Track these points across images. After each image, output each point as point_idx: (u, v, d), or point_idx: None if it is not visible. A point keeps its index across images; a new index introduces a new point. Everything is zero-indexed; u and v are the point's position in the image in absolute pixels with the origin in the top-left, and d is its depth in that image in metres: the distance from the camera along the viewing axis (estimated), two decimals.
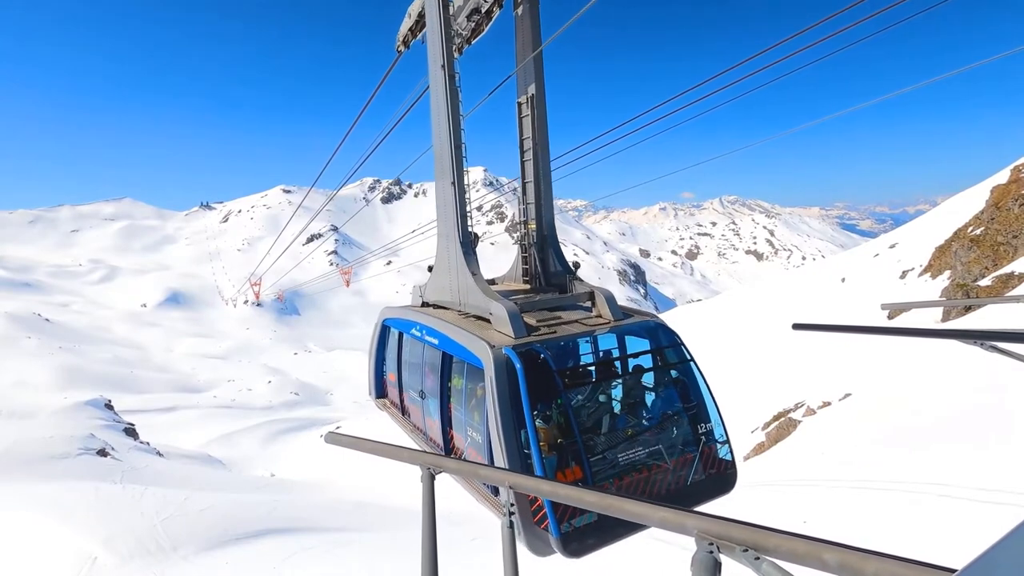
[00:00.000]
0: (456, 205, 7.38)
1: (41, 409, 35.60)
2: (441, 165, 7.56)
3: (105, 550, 14.21)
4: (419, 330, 7.77)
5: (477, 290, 6.99)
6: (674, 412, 6.15)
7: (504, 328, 6.17)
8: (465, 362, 6.41)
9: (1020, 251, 23.79)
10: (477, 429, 6.26)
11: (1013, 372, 7.88)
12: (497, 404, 5.36)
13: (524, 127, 8.19)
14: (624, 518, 3.55)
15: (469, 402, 6.47)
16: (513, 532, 3.42)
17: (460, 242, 7.38)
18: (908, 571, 1.66)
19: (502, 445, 5.28)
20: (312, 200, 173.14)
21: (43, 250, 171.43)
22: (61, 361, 62.72)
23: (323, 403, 73.41)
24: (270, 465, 39.39)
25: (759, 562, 2.00)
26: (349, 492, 26.86)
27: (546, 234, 8.19)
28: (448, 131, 7.30)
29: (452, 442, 6.97)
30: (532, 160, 8.03)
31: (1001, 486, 8.48)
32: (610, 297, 7.03)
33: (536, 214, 8.17)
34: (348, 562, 14.84)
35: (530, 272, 8.34)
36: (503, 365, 5.54)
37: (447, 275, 7.80)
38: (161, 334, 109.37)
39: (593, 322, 6.67)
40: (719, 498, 5.78)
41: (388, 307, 9.61)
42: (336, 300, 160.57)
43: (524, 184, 8.31)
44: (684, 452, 5.88)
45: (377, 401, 10.09)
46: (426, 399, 7.70)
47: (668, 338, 6.50)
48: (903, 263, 35.01)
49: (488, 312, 6.61)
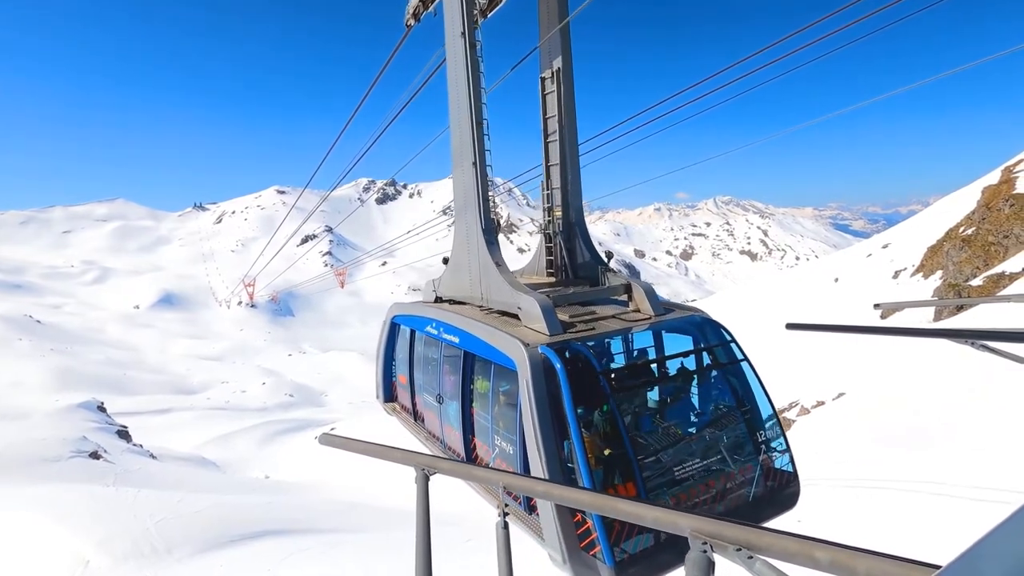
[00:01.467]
0: (478, 188, 6.75)
1: (33, 411, 35.38)
2: (460, 145, 6.93)
3: (98, 553, 14.12)
4: (435, 327, 7.18)
5: (503, 283, 6.36)
6: (730, 418, 5.57)
7: (536, 324, 5.63)
8: (492, 363, 5.82)
9: (1011, 251, 23.99)
10: (507, 438, 5.65)
11: (1004, 371, 7.96)
12: (535, 410, 4.77)
13: (548, 105, 7.56)
14: (618, 518, 3.55)
15: (496, 407, 5.89)
16: (508, 532, 3.42)
17: (482, 229, 6.75)
18: (897, 568, 1.68)
19: (542, 457, 4.68)
20: (307, 201, 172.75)
21: (35, 251, 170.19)
22: (53, 363, 62.31)
23: (318, 404, 73.19)
24: (265, 467, 39.23)
25: (752, 561, 2.02)
26: (344, 493, 26.80)
27: (573, 221, 7.55)
28: (469, 107, 6.67)
29: (475, 452, 6.39)
30: (558, 140, 7.44)
31: (992, 484, 8.55)
32: (650, 290, 6.44)
33: (562, 200, 7.53)
34: (343, 563, 14.80)
35: (555, 264, 7.70)
36: (540, 366, 4.97)
37: (466, 267, 7.17)
38: (155, 336, 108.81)
39: (632, 317, 6.12)
40: (782, 515, 5.20)
41: (398, 303, 9.04)
42: (331, 301, 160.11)
43: (548, 167, 7.71)
44: (743, 463, 5.29)
45: (386, 405, 9.45)
46: (444, 404, 7.10)
47: (719, 334, 5.94)
48: (896, 263, 35.23)
49: (516, 307, 6.03)
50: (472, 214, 6.85)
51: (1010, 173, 29.62)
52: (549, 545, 4.69)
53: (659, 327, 6.15)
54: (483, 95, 6.85)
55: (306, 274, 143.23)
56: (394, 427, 8.80)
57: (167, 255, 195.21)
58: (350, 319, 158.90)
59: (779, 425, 5.63)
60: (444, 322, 6.92)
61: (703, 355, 5.93)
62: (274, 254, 34.00)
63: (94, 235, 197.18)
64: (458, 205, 7.19)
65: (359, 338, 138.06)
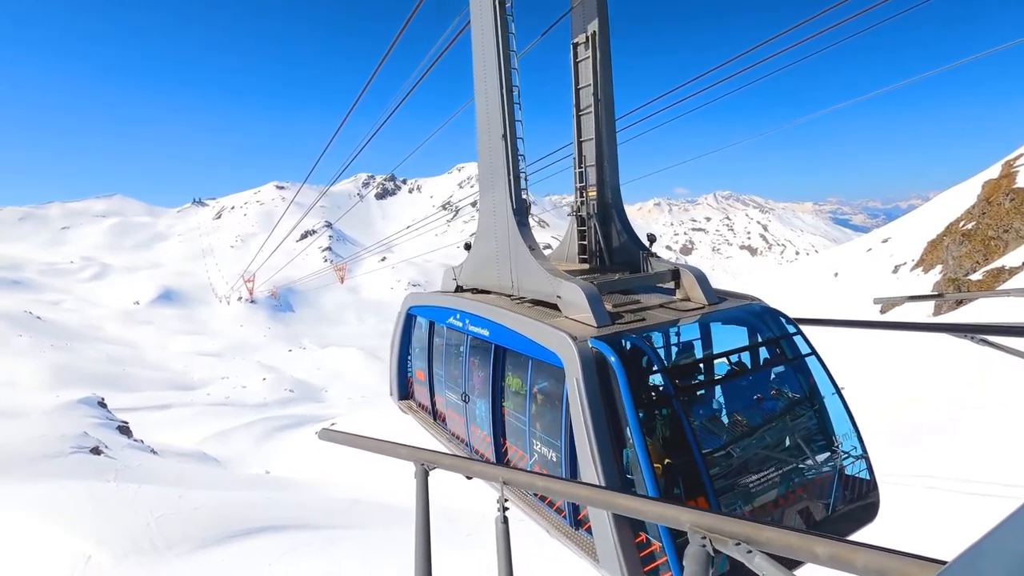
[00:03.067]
0: (508, 164, 6.14)
1: (33, 408, 35.38)
2: (487, 116, 6.32)
3: (99, 549, 14.14)
4: (460, 319, 6.59)
5: (538, 268, 5.79)
6: (803, 420, 4.98)
7: (580, 315, 5.06)
8: (530, 358, 5.29)
9: (1011, 245, 23.98)
10: (548, 443, 5.14)
11: (1003, 366, 7.96)
12: (588, 413, 4.25)
13: (581, 73, 6.89)
14: (618, 512, 3.55)
15: (533, 408, 5.36)
16: (507, 527, 3.42)
17: (513, 210, 6.12)
18: (895, 562, 1.68)
19: (597, 467, 4.14)
20: (306, 196, 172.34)
21: (33, 248, 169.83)
22: (53, 359, 62.35)
23: (318, 400, 73.22)
24: (265, 463, 39.26)
25: (752, 555, 2.02)
26: (344, 489, 26.83)
27: (610, 202, 6.90)
28: (498, 71, 6.07)
29: (507, 457, 5.88)
30: (592, 113, 6.75)
31: (991, 479, 8.57)
32: (701, 276, 5.85)
33: (597, 178, 6.86)
34: (343, 559, 14.84)
35: (589, 249, 7.02)
36: (592, 362, 4.42)
37: (493, 252, 6.57)
38: (154, 332, 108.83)
39: (683, 307, 5.59)
40: (864, 528, 4.70)
41: (414, 293, 8.49)
42: (330, 297, 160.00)
43: (580, 143, 7.03)
44: (820, 472, 4.77)
45: (401, 403, 8.90)
46: (471, 403, 6.52)
47: (783, 325, 5.35)
48: (895, 258, 35.24)
49: (554, 295, 5.47)
50: (501, 193, 6.25)
51: (1010, 167, 29.57)
52: (606, 567, 4.19)
53: (714, 317, 5.56)
54: (513, 59, 6.20)
55: (305, 270, 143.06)
56: (394, 423, 8.69)
57: (166, 251, 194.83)
58: (349, 315, 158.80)
59: (855, 427, 5.01)
60: (471, 313, 6.34)
61: (768, 349, 5.34)
62: (273, 250, 33.91)
63: (92, 231, 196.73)
64: (484, 184, 6.60)
65: (358, 334, 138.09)
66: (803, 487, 4.63)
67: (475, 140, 6.50)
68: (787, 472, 4.60)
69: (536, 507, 5.44)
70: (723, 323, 5.63)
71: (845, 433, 4.96)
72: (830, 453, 4.88)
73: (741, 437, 4.73)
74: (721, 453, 4.50)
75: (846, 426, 4.98)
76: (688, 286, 5.88)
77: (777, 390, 5.15)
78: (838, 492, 4.77)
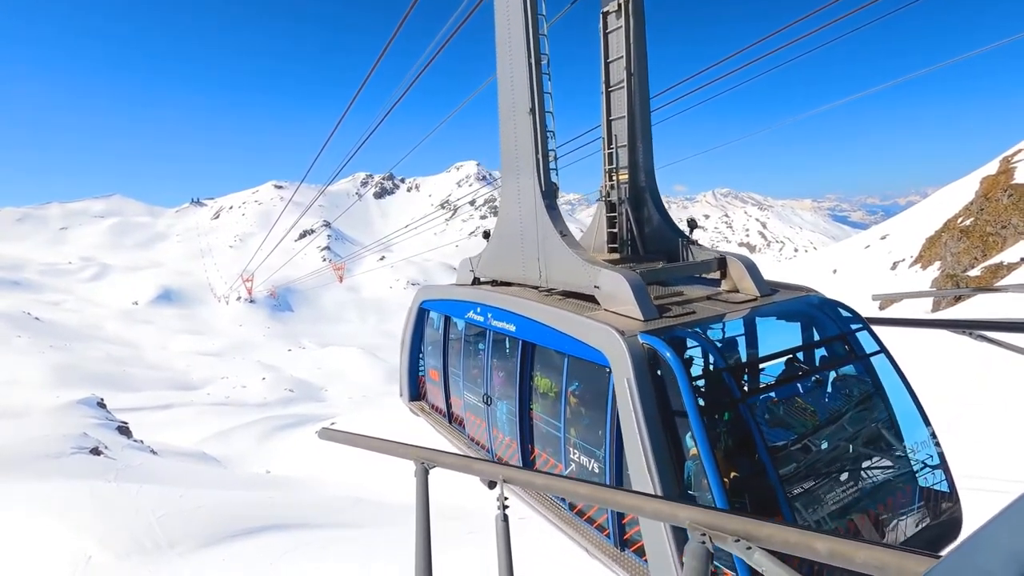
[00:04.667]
0: (536, 142, 5.60)
1: (33, 408, 35.33)
2: (512, 90, 5.78)
3: (100, 548, 14.15)
4: (481, 313, 6.09)
5: (571, 256, 5.25)
6: (878, 426, 4.42)
7: (622, 307, 4.57)
8: (566, 356, 4.81)
9: (1009, 241, 24.01)
10: (588, 451, 4.64)
11: (1003, 362, 7.97)
12: (642, 419, 3.76)
13: (612, 45, 6.28)
14: (617, 509, 3.55)
15: (568, 411, 4.87)
16: (507, 526, 3.42)
17: (541, 192, 5.61)
18: (894, 558, 1.69)
19: (654, 479, 3.63)
20: (304, 195, 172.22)
21: (33, 248, 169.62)
22: (53, 360, 62.33)
23: (318, 399, 73.24)
24: (265, 462, 39.26)
25: (751, 552, 2.02)
26: (344, 488, 26.84)
27: (644, 186, 6.30)
28: (525, 39, 5.53)
29: (536, 465, 5.42)
30: (624, 88, 6.12)
31: (988, 474, 8.58)
32: (752, 265, 5.32)
33: (629, 160, 6.26)
34: (343, 558, 14.86)
35: (620, 237, 6.38)
36: (644, 360, 3.94)
37: (518, 240, 6.02)
38: (154, 332, 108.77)
39: (733, 299, 5.09)
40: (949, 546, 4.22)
41: (427, 286, 7.98)
42: (329, 296, 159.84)
43: (609, 122, 6.42)
44: (900, 485, 4.26)
45: (412, 405, 8.32)
46: (493, 406, 6.03)
47: (848, 319, 4.82)
48: (894, 254, 35.27)
49: (591, 286, 4.95)
50: (528, 175, 5.72)
51: (1008, 163, 29.59)
52: None
53: (771, 310, 5.02)
54: (542, 23, 5.63)
55: (304, 269, 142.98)
56: (394, 422, 8.60)
57: (165, 251, 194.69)
58: (348, 314, 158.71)
59: (931, 431, 4.51)
60: (494, 306, 5.85)
61: (836, 346, 4.82)
62: (271, 249, 33.84)
63: (91, 231, 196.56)
64: (507, 166, 6.07)
65: (358, 333, 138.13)
66: (885, 502, 4.15)
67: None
68: (866, 486, 4.12)
69: (574, 524, 4.91)
70: (781, 317, 5.14)
71: (922, 440, 4.47)
72: (908, 463, 4.38)
73: (815, 446, 4.15)
74: (794, 465, 3.92)
75: (922, 432, 4.48)
76: (736, 276, 5.37)
77: (848, 392, 4.61)
78: (921, 506, 4.30)
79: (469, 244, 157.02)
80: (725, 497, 3.39)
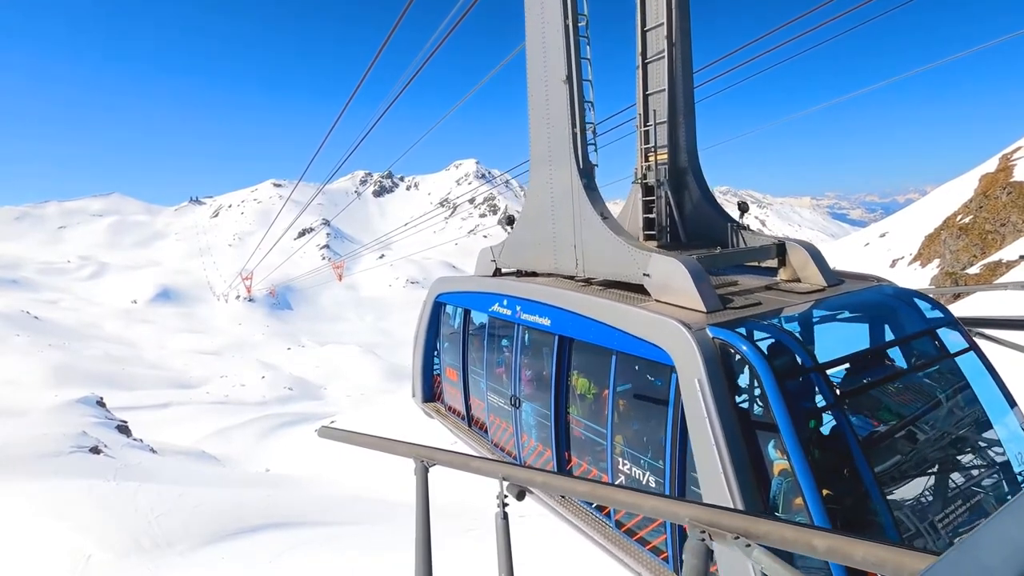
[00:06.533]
0: (573, 115, 5.05)
1: (32, 407, 35.35)
2: (543, 57, 5.24)
3: (100, 547, 14.15)
4: (508, 306, 5.59)
5: (615, 241, 4.74)
6: (980, 434, 3.93)
7: (680, 297, 4.09)
8: (613, 352, 4.33)
9: (1008, 239, 24.03)
10: (641, 461, 4.15)
11: (1001, 360, 7.97)
12: (718, 425, 3.27)
13: (649, 13, 5.64)
14: (615, 507, 3.53)
15: (617, 416, 4.39)
16: (507, 523, 3.41)
17: (579, 170, 5.08)
18: (892, 555, 1.69)
19: (734, 494, 3.13)
20: (303, 193, 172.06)
21: (31, 247, 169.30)
22: (51, 359, 62.23)
23: (317, 398, 73.22)
24: (264, 460, 39.26)
25: (750, 549, 2.02)
26: (344, 486, 26.86)
27: (686, 167, 5.73)
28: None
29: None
30: (665, 58, 5.47)
31: None
32: (817, 253, 4.81)
33: (669, 139, 5.66)
34: (343, 556, 14.86)
35: (658, 223, 5.74)
36: (717, 357, 3.47)
37: (549, 226, 5.47)
38: (153, 330, 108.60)
39: (797, 289, 4.59)
40: None
41: (443, 278, 7.41)
42: (328, 294, 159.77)
43: (645, 97, 5.78)
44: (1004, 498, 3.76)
45: (426, 406, 7.82)
46: (522, 408, 5.54)
47: (932, 313, 4.29)
48: (893, 252, 35.26)
49: (639, 274, 4.47)
50: (562, 152, 5.17)
51: (1007, 161, 29.62)
52: None
53: (844, 302, 4.48)
54: None
55: (303, 268, 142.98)
56: (394, 420, 8.50)
57: (164, 250, 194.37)
58: (348, 313, 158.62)
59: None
60: (524, 298, 5.37)
61: (927, 342, 4.27)
62: (270, 247, 33.86)
63: (90, 230, 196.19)
64: (537, 142, 5.54)
65: (357, 331, 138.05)
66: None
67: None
68: (975, 504, 3.63)
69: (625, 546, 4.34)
70: (857, 309, 4.58)
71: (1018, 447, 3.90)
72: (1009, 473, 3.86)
73: (915, 457, 3.63)
74: (896, 481, 3.45)
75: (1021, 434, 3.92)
76: (798, 263, 4.87)
77: (946, 396, 4.02)
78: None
79: (468, 242, 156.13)
80: (827, 518, 2.93)
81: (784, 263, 5.02)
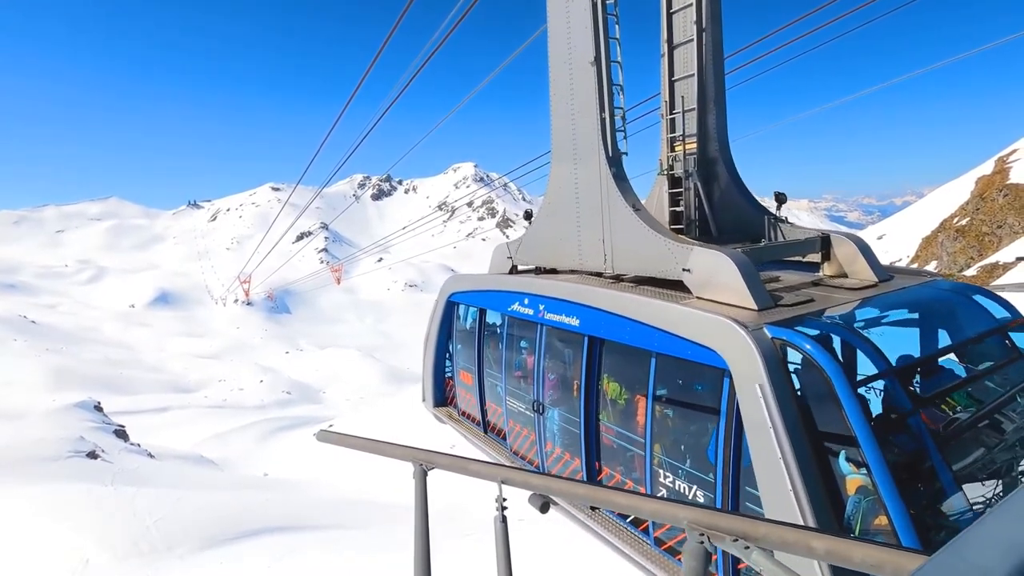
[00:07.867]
0: (601, 99, 4.74)
1: (30, 411, 35.20)
2: (569, 36, 4.91)
3: (98, 552, 14.10)
4: (530, 305, 5.27)
5: (649, 234, 4.43)
6: None
7: (726, 294, 3.81)
8: (653, 354, 4.01)
9: (1005, 241, 24.10)
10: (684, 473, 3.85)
11: None
12: (784, 436, 2.96)
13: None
14: (615, 510, 3.53)
15: (655, 424, 4.06)
16: (506, 527, 3.41)
17: (607, 159, 4.78)
18: (892, 556, 1.70)
19: (805, 512, 2.84)
20: (301, 197, 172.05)
21: (29, 251, 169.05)
22: (49, 363, 62.09)
23: (316, 401, 73.10)
24: (263, 464, 39.15)
25: (749, 551, 2.03)
26: (342, 490, 26.80)
27: (716, 157, 5.40)
28: None
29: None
30: (695, 42, 5.11)
31: None
32: (866, 246, 4.50)
33: (698, 128, 5.30)
34: (342, 559, 14.83)
35: (687, 216, 5.40)
36: (779, 360, 3.17)
37: (573, 219, 5.15)
38: (151, 334, 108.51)
39: (846, 285, 4.29)
40: None
41: (457, 276, 7.10)
42: (327, 298, 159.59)
43: (672, 83, 5.43)
44: None
45: (438, 410, 7.47)
46: (546, 415, 5.23)
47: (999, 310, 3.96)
48: (890, 254, 35.31)
49: (678, 269, 4.18)
50: (589, 139, 4.84)
51: (1003, 163, 29.73)
52: None
53: (899, 299, 4.16)
54: None
55: (301, 271, 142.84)
56: (393, 423, 8.43)
57: (162, 253, 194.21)
58: (346, 316, 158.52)
59: None
60: (548, 297, 5.03)
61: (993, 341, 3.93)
62: (268, 251, 33.79)
63: (88, 234, 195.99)
64: (559, 129, 5.23)
65: (356, 335, 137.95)
66: None
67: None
68: None
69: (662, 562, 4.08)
70: (915, 307, 4.26)
71: None
72: None
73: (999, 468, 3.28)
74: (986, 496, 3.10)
75: None
76: (845, 258, 4.55)
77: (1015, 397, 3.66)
78: None
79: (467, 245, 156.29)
80: (912, 529, 2.64)
81: (828, 257, 4.71)
